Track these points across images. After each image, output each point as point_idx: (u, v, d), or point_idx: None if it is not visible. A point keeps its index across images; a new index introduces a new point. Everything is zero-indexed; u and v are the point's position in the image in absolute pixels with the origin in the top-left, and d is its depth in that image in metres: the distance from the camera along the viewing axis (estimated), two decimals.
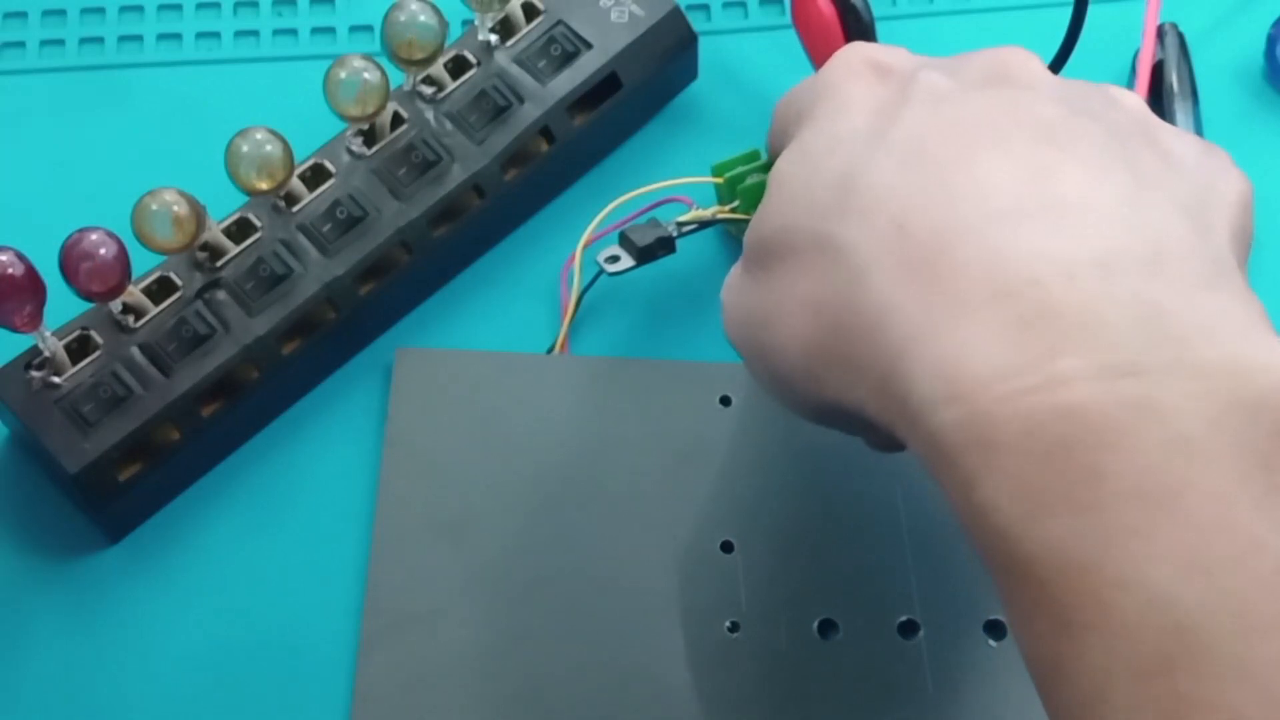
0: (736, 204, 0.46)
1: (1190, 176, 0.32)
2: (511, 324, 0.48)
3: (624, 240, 0.46)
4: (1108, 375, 0.27)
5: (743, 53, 0.53)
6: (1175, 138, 0.33)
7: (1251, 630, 0.25)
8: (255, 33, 0.53)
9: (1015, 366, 0.28)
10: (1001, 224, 0.29)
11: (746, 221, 0.46)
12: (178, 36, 0.53)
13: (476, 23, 0.48)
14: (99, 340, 0.43)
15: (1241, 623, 0.25)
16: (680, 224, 0.46)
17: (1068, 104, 0.32)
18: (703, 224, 0.46)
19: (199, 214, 0.43)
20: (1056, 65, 0.48)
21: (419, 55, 0.45)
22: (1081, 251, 0.29)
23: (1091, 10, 0.47)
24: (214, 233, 0.44)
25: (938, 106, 0.33)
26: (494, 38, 0.48)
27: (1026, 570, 0.27)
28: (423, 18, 0.45)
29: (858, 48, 0.36)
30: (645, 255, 0.45)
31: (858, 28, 0.48)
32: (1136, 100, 0.34)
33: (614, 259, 0.45)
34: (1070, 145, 0.31)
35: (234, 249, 0.45)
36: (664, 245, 0.46)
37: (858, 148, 0.33)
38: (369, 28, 0.53)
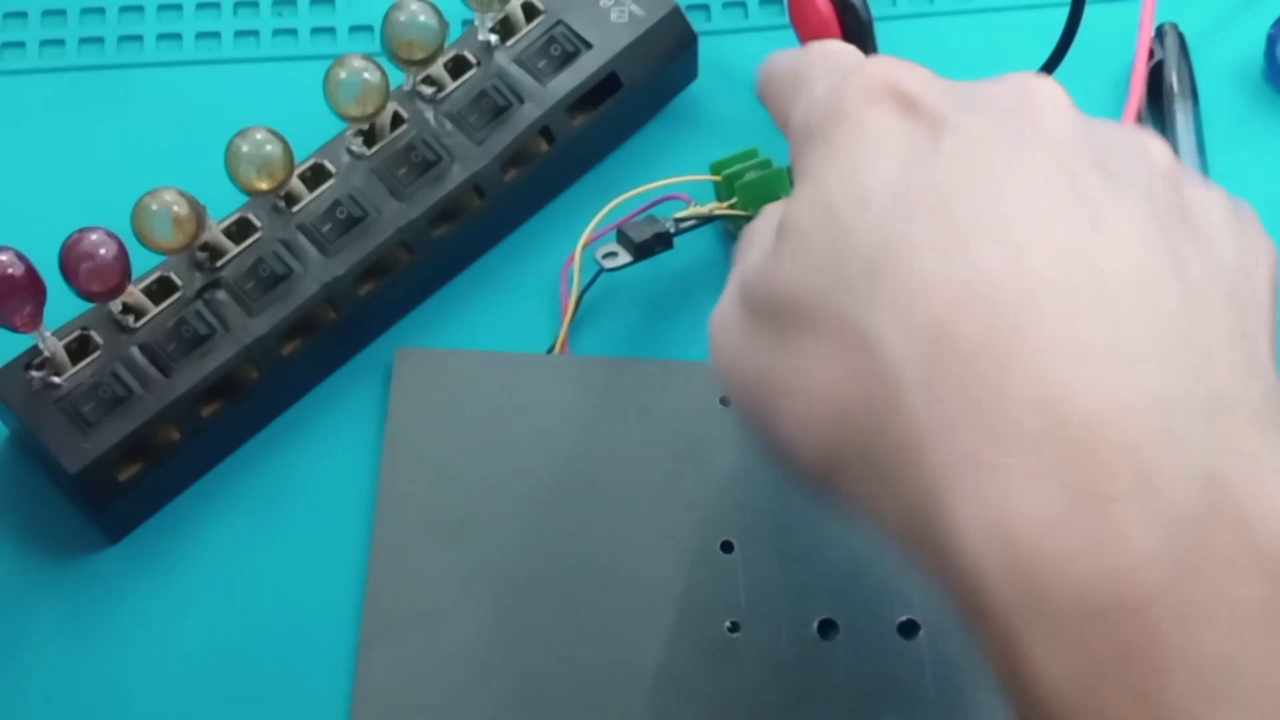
0: (734, 201, 0.46)
1: (1227, 257, 0.30)
2: (511, 324, 0.48)
3: (622, 237, 0.46)
4: (1166, 538, 0.25)
5: (743, 53, 0.53)
6: (1204, 200, 0.31)
7: None
8: (255, 33, 0.53)
9: (1069, 521, 0.26)
10: (1053, 347, 0.27)
11: (745, 218, 0.46)
12: (178, 36, 0.53)
13: (476, 23, 0.48)
14: (99, 340, 0.43)
15: None
16: (678, 220, 0.46)
17: (1103, 166, 0.30)
18: (701, 220, 0.46)
19: (199, 214, 0.43)
20: (1052, 65, 0.48)
21: (419, 55, 0.45)
22: (1139, 392, 0.26)
23: (1089, 10, 0.47)
24: (214, 233, 0.44)
25: (971, 165, 0.30)
26: (494, 38, 0.48)
27: None
28: (423, 18, 0.45)
29: (880, 67, 0.32)
30: (643, 251, 0.45)
31: (856, 27, 0.48)
32: (1164, 151, 0.32)
33: (612, 255, 0.45)
34: (1115, 225, 0.28)
35: (234, 249, 0.45)
36: (661, 241, 0.46)
37: (888, 214, 0.30)
38: (369, 28, 0.53)
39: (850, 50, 0.35)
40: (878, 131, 0.31)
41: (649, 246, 0.45)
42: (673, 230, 0.46)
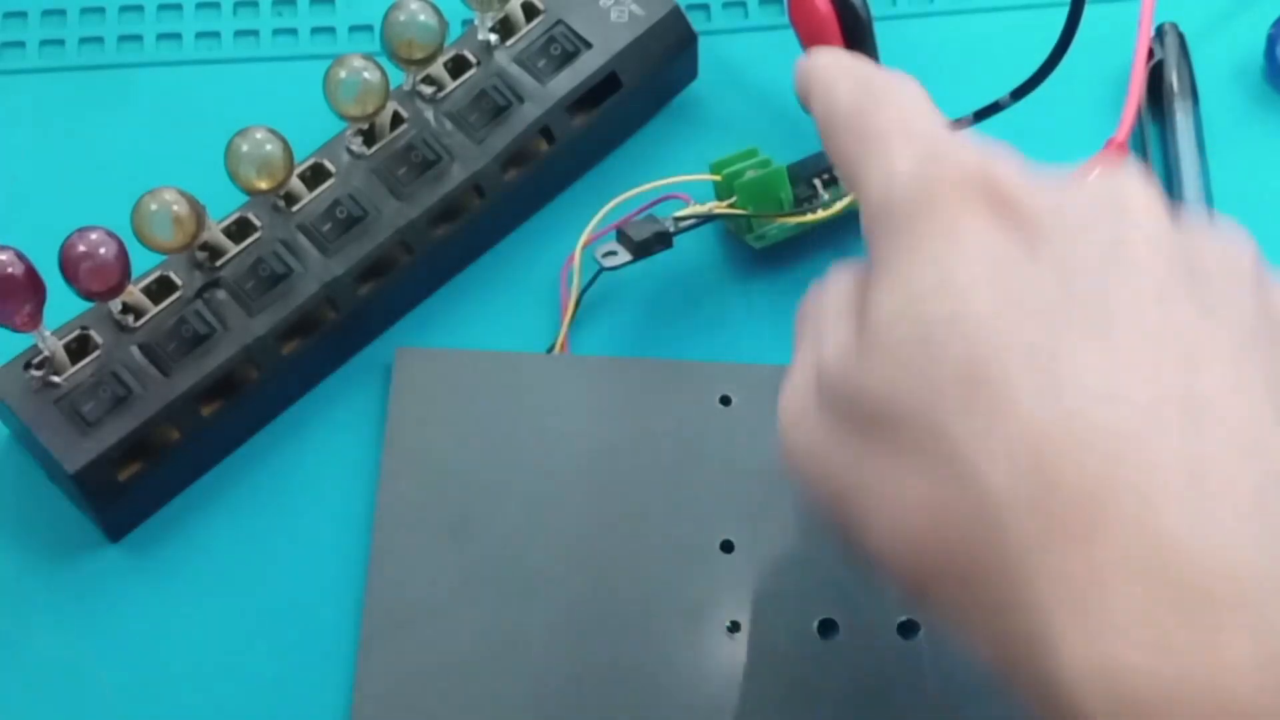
0: (734, 199, 0.46)
1: None
2: (511, 324, 0.48)
3: (621, 236, 0.46)
4: (1268, 667, 0.25)
5: (743, 52, 0.53)
6: None
7: None
8: (255, 33, 0.53)
9: (1177, 666, 0.25)
10: (1156, 492, 0.27)
11: (744, 217, 0.46)
12: (178, 36, 0.53)
13: (476, 22, 0.48)
14: (99, 340, 0.43)
15: None
16: (678, 219, 0.46)
17: (1198, 295, 0.29)
18: (700, 219, 0.46)
19: (199, 214, 0.43)
20: (1052, 64, 0.48)
21: (419, 55, 0.45)
22: (1247, 539, 0.26)
23: (1088, 10, 0.47)
24: (214, 232, 0.44)
25: (1069, 289, 0.29)
26: (494, 37, 0.48)
27: None
28: (422, 17, 0.45)
29: (974, 157, 0.31)
30: (642, 250, 0.45)
31: (856, 27, 0.48)
32: (1251, 253, 0.31)
33: (611, 254, 0.45)
34: (1210, 369, 0.28)
35: (234, 249, 0.45)
36: (661, 240, 0.46)
37: (984, 321, 0.29)
38: (369, 27, 0.53)
39: (930, 112, 0.33)
40: (971, 235, 0.30)
41: (648, 245, 0.45)
42: (672, 229, 0.46)
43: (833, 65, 0.35)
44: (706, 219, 0.47)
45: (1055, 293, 0.29)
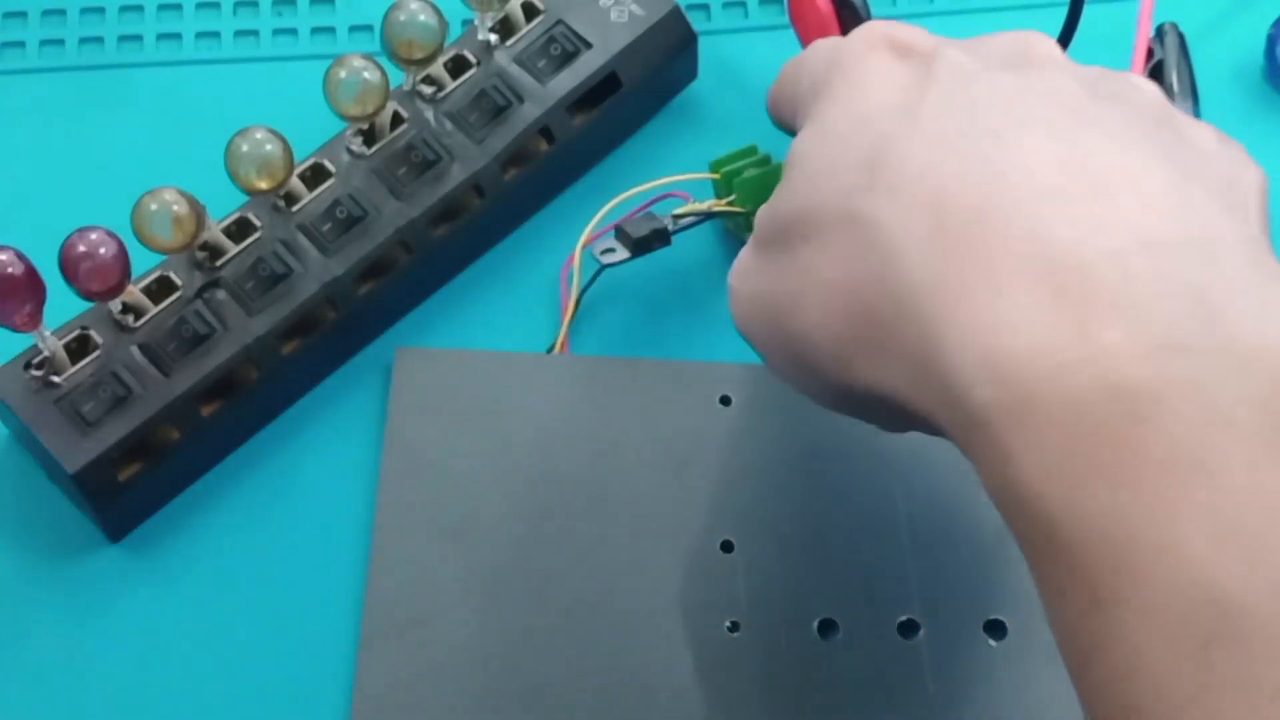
0: (733, 198, 0.46)
1: (1217, 165, 0.31)
2: (511, 324, 0.48)
3: (620, 233, 0.46)
4: (1152, 352, 0.27)
5: (742, 52, 0.53)
6: (1194, 126, 0.33)
7: None
8: (255, 33, 0.53)
9: (1057, 342, 0.27)
10: (1045, 203, 0.29)
11: (743, 214, 0.46)
12: (178, 36, 0.53)
13: (476, 22, 0.48)
14: (99, 340, 0.43)
15: (1279, 600, 0.25)
16: (676, 217, 0.46)
17: (1092, 88, 0.32)
18: (699, 217, 0.46)
19: (199, 214, 0.43)
20: None
21: (419, 55, 0.45)
22: (1128, 233, 0.28)
23: (1087, 10, 0.47)
24: (214, 232, 0.44)
25: (965, 84, 0.32)
26: (494, 37, 0.48)
27: (1062, 547, 0.27)
28: (422, 17, 0.45)
29: (877, 24, 0.35)
30: (640, 247, 0.45)
31: (855, 27, 0.48)
32: (1154, 88, 0.33)
33: (610, 251, 0.45)
34: (1103, 126, 0.31)
35: (234, 249, 0.45)
36: (659, 237, 0.46)
37: (886, 125, 0.32)
38: (369, 27, 0.53)
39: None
40: (876, 69, 0.34)
41: (647, 242, 0.45)
42: (671, 227, 0.46)
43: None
44: (705, 217, 0.47)
45: (953, 91, 0.32)
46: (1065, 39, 0.47)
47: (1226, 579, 0.25)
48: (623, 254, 0.45)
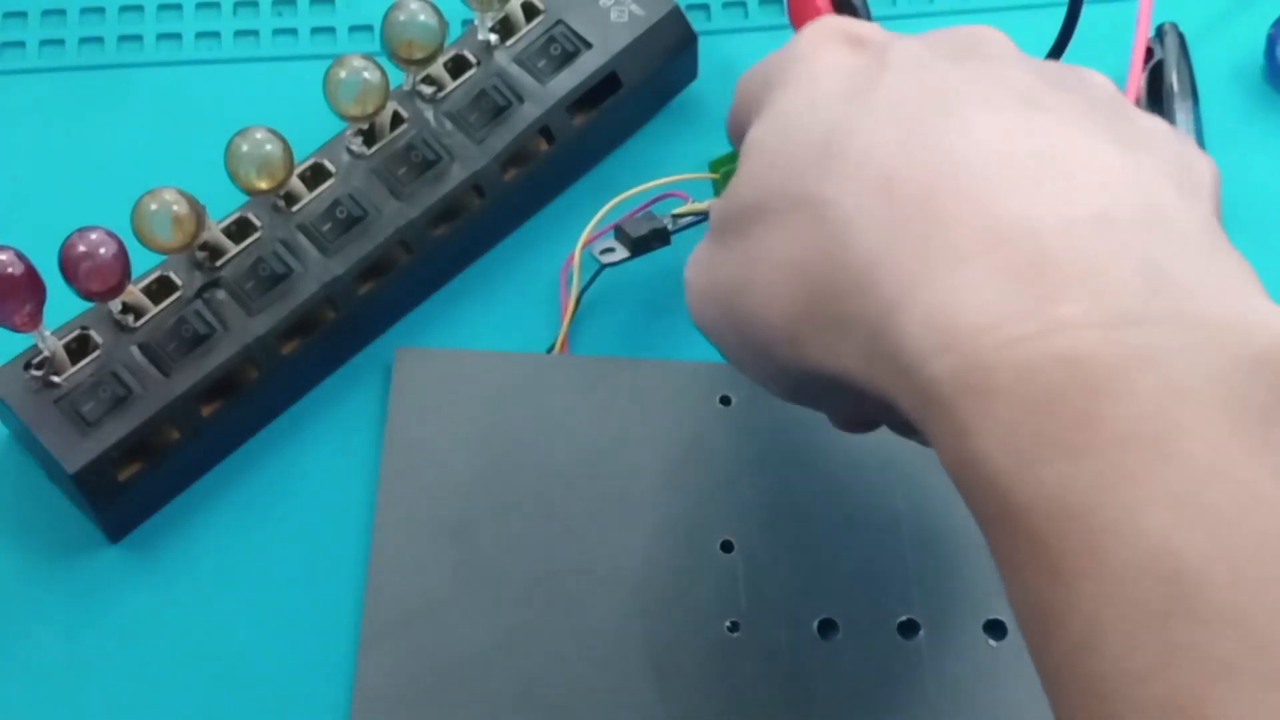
0: None
1: (1170, 151, 0.31)
2: (511, 324, 0.48)
3: (619, 233, 0.46)
4: (1107, 324, 0.27)
5: (742, 52, 0.53)
6: (1146, 117, 0.33)
7: (1247, 579, 0.25)
8: (255, 33, 0.53)
9: (1011, 314, 0.27)
10: (995, 178, 0.29)
11: None
12: (178, 36, 0.53)
13: (476, 22, 0.48)
14: (99, 340, 0.43)
15: (1237, 572, 0.25)
16: (676, 216, 0.46)
17: (1044, 77, 0.32)
18: (699, 217, 0.46)
19: (199, 214, 0.43)
20: None
21: (419, 55, 0.45)
22: (1078, 206, 0.28)
23: (1087, 10, 0.47)
24: (214, 232, 0.44)
25: (917, 72, 0.32)
26: (494, 37, 0.48)
27: (1019, 519, 0.27)
28: (422, 17, 0.45)
29: (829, 19, 0.35)
30: (640, 246, 0.45)
31: None
32: (1106, 80, 0.34)
33: (609, 250, 0.45)
34: (1055, 110, 0.31)
35: (234, 249, 0.45)
36: (659, 237, 0.46)
37: (836, 110, 0.32)
38: (369, 27, 0.53)
39: None
40: (828, 60, 0.34)
41: (646, 242, 0.45)
42: (670, 227, 0.46)
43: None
44: (705, 216, 0.46)
45: (905, 79, 0.32)
46: (1064, 39, 0.47)
47: (1186, 551, 0.25)
48: (622, 254, 0.45)
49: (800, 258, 0.31)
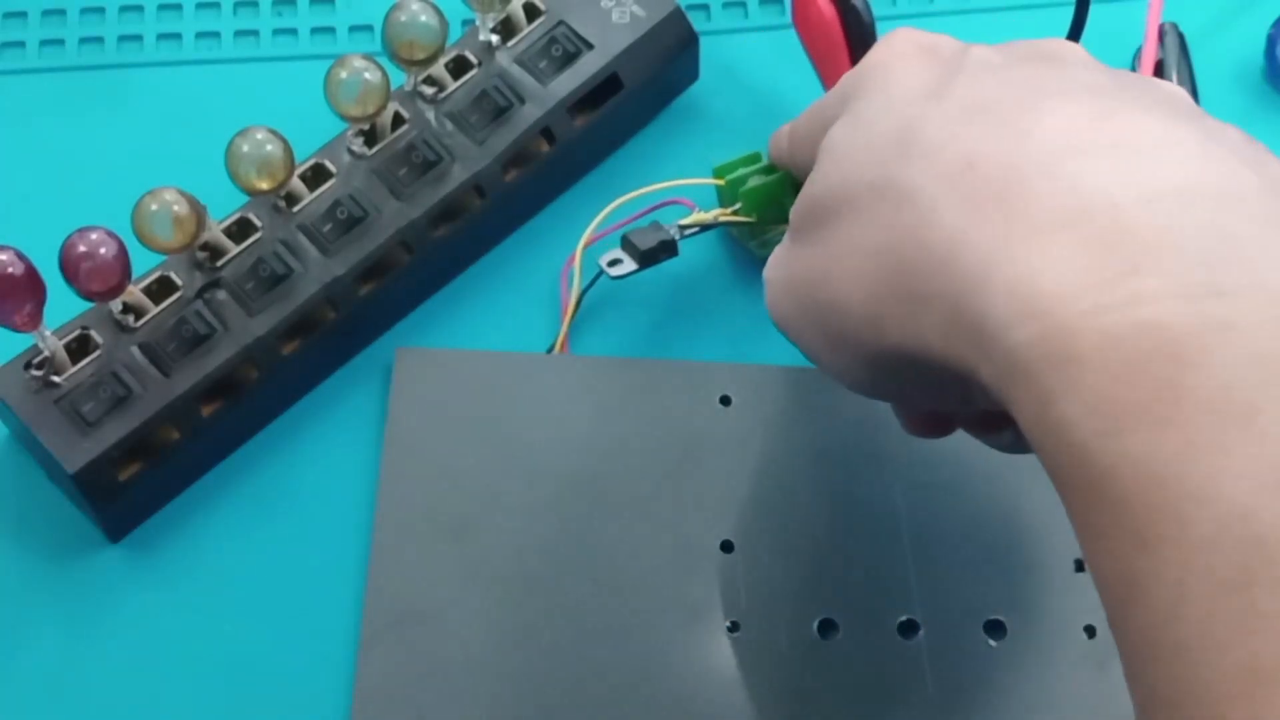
0: (738, 207, 0.46)
1: (1244, 144, 0.32)
2: (511, 324, 0.48)
3: (626, 244, 0.46)
4: (1189, 294, 0.27)
5: (743, 53, 0.53)
6: (1220, 121, 0.33)
7: None
8: (255, 33, 0.53)
9: (1094, 283, 0.28)
10: (1074, 158, 0.30)
11: (748, 224, 0.46)
12: (178, 36, 0.53)
13: (477, 23, 0.48)
14: (99, 340, 0.43)
15: None
16: (682, 227, 0.46)
17: (1117, 79, 0.33)
18: (704, 227, 0.46)
19: (199, 214, 0.43)
20: None
21: (420, 55, 0.45)
22: (1159, 181, 0.29)
23: (1093, 9, 0.47)
24: (214, 233, 0.44)
25: (992, 72, 0.33)
26: (495, 38, 0.48)
27: (1103, 487, 0.27)
28: (423, 18, 0.45)
29: (903, 32, 0.37)
30: (647, 259, 0.45)
31: (858, 28, 0.48)
32: (1178, 88, 0.34)
33: (616, 262, 0.45)
34: (1131, 101, 0.31)
35: (234, 249, 0.45)
36: (666, 249, 0.46)
37: (915, 106, 0.33)
38: (369, 28, 0.53)
39: None
40: (905, 67, 0.35)
41: (654, 254, 0.45)
42: (677, 237, 0.46)
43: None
44: (711, 227, 0.46)
45: (985, 82, 0.33)
46: (1072, 39, 0.47)
47: (1271, 519, 0.25)
48: (630, 265, 0.45)
49: (882, 242, 0.32)
